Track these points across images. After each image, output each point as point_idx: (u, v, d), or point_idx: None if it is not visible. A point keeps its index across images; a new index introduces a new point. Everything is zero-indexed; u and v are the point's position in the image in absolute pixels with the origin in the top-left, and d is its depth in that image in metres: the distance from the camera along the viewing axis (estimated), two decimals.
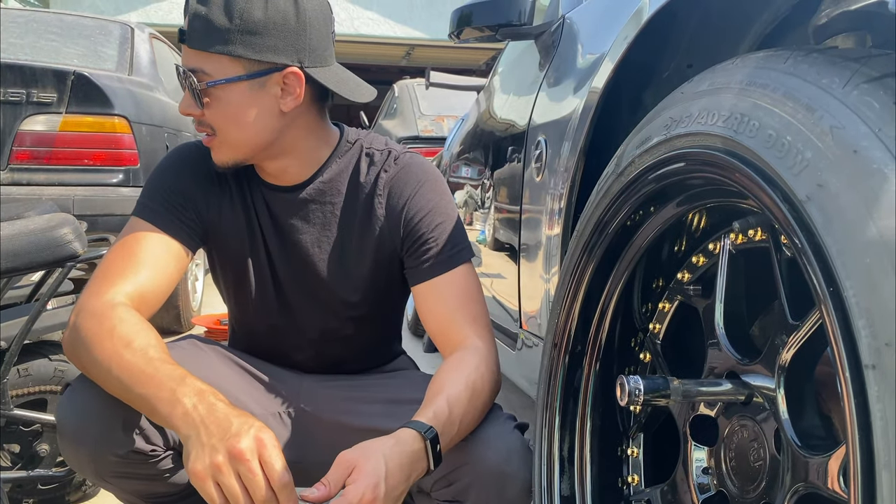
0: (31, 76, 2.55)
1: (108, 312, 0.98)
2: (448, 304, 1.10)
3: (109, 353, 0.94)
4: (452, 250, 1.12)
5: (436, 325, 1.11)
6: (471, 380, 1.01)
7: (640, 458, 0.97)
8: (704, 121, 0.68)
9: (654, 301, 0.95)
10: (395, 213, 1.14)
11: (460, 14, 1.86)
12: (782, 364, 0.68)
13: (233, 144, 1.08)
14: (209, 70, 1.02)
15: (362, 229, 1.16)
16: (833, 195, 0.51)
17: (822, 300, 0.51)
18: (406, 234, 1.14)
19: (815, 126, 0.54)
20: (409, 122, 5.32)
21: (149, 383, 0.90)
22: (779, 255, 0.69)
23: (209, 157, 1.12)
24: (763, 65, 0.63)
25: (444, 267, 1.11)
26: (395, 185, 1.15)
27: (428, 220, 1.13)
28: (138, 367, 0.92)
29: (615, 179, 0.87)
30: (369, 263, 1.17)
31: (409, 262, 1.15)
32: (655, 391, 0.76)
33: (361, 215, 1.16)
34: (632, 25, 1.04)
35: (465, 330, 1.09)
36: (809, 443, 0.66)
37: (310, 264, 1.16)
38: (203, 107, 1.05)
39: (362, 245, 1.16)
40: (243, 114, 1.05)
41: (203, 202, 1.15)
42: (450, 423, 0.94)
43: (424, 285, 1.12)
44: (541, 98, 1.53)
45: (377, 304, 1.22)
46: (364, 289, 1.18)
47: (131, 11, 9.63)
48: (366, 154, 1.18)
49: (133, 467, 1.04)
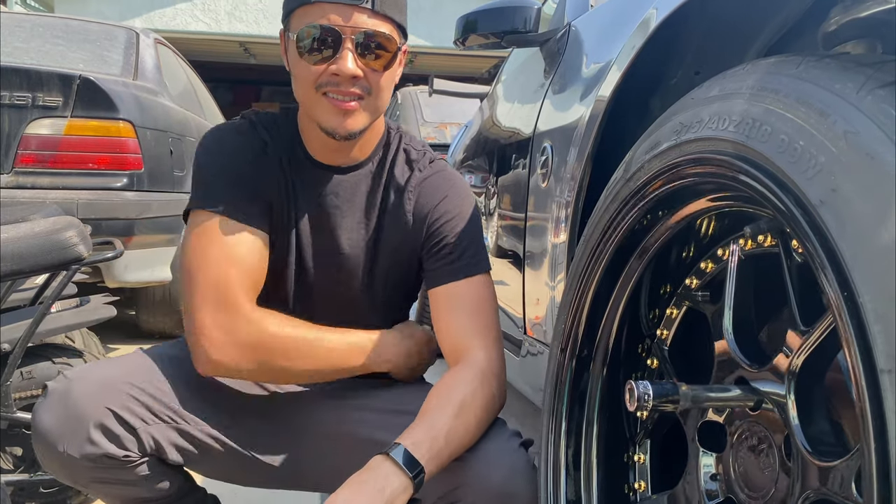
0: (36, 80, 2.56)
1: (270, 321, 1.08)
2: (462, 311, 1.11)
3: (313, 354, 1.09)
4: (473, 258, 1.14)
5: (445, 330, 1.11)
6: (461, 397, 1.01)
7: (646, 465, 0.97)
8: (715, 126, 0.68)
9: (661, 307, 0.95)
10: (422, 214, 1.17)
11: (466, 21, 1.87)
12: (793, 370, 0.68)
13: (376, 108, 1.11)
14: (391, 35, 1.08)
15: (390, 221, 1.18)
16: (847, 200, 0.51)
17: (837, 305, 0.51)
18: (428, 235, 1.16)
19: (828, 131, 0.54)
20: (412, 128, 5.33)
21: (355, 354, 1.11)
22: (789, 261, 0.69)
23: (254, 138, 1.15)
24: (775, 70, 0.64)
25: (464, 273, 1.13)
26: (427, 186, 1.19)
27: (453, 224, 1.16)
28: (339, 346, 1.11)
29: (624, 184, 0.87)
30: (390, 257, 1.18)
31: (429, 263, 1.16)
32: (664, 396, 0.76)
33: (391, 208, 1.18)
34: (639, 34, 1.04)
35: (472, 340, 1.09)
36: (820, 449, 0.65)
37: (340, 246, 1.18)
38: (387, 68, 1.09)
39: (389, 237, 1.18)
40: (393, 80, 1.13)
41: (258, 181, 1.14)
42: (437, 447, 0.96)
43: (442, 288, 1.13)
44: (547, 105, 1.54)
45: (387, 301, 1.23)
46: (381, 283, 1.20)
47: (136, 17, 9.67)
48: (403, 149, 1.22)
49: (108, 472, 1.03)
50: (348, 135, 1.09)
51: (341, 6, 1.04)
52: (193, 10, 10.28)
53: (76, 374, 1.04)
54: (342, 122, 1.08)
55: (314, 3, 1.05)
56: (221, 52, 11.41)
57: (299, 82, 1.09)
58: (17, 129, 2.54)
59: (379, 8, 1.05)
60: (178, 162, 3.07)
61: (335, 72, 1.05)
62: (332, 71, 1.05)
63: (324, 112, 1.08)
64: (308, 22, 1.04)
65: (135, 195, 2.71)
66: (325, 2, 1.04)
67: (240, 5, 10.35)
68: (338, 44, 1.04)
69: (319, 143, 1.15)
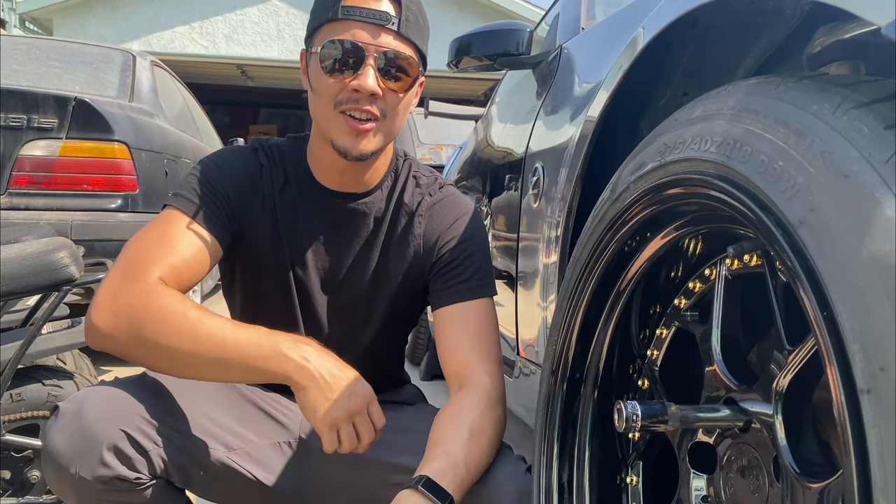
0: (32, 102, 2.57)
1: (163, 294, 0.99)
2: (467, 333, 1.12)
3: (190, 330, 0.97)
4: (481, 281, 1.15)
5: (450, 352, 1.12)
6: (470, 422, 1.01)
7: (639, 487, 0.96)
8: (698, 147, 0.69)
9: (651, 327, 0.95)
10: (433, 236, 1.18)
11: (459, 44, 1.89)
12: (779, 390, 0.67)
13: (389, 132, 1.11)
14: (413, 59, 1.09)
15: (398, 247, 1.19)
16: (825, 219, 0.51)
17: (816, 324, 0.51)
18: (438, 257, 1.17)
19: (806, 151, 0.54)
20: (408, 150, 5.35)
21: (246, 345, 0.97)
22: (774, 281, 0.69)
23: (249, 159, 1.15)
24: (755, 91, 0.64)
25: (471, 295, 1.14)
26: (438, 210, 1.20)
27: (463, 246, 1.17)
28: (226, 333, 0.98)
29: (611, 205, 0.87)
30: (396, 283, 1.19)
31: (435, 284, 1.17)
32: (653, 417, 0.75)
33: (400, 234, 1.19)
34: (626, 55, 1.05)
35: (476, 364, 1.09)
36: (808, 469, 0.65)
37: (345, 271, 1.18)
38: (405, 92, 1.10)
39: (396, 263, 1.19)
40: (409, 107, 1.13)
41: (240, 199, 1.13)
42: (461, 475, 0.95)
43: (449, 309, 1.14)
44: (538, 126, 1.55)
45: (393, 324, 1.23)
46: (385, 308, 1.20)
47: (134, 40, 9.75)
48: (413, 175, 1.23)
49: (117, 495, 1.01)
50: (360, 155, 1.09)
51: (368, 24, 1.05)
52: (191, 33, 10.37)
53: (87, 394, 1.03)
54: (356, 143, 1.08)
55: (340, 20, 1.06)
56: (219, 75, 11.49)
57: (319, 98, 1.09)
58: (11, 151, 2.54)
59: (404, 31, 1.07)
60: (173, 183, 3.07)
61: (356, 87, 1.05)
62: (352, 87, 1.06)
63: (339, 131, 1.08)
64: (333, 37, 1.06)
65: (129, 216, 2.71)
66: (351, 19, 1.05)
67: (237, 28, 10.45)
68: (361, 60, 1.05)
69: (329, 167, 1.15)
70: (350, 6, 1.06)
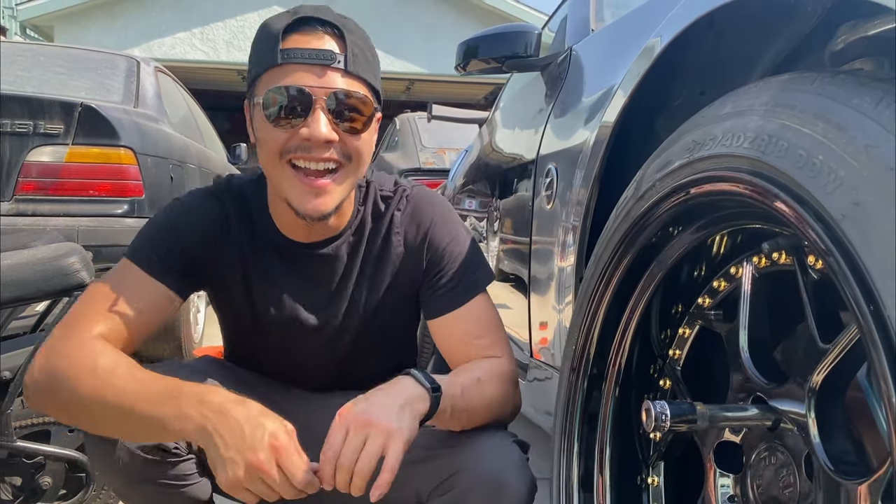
0: (38, 108, 2.56)
1: (85, 348, 0.95)
2: (468, 336, 1.11)
3: (99, 386, 0.91)
4: (471, 278, 1.13)
5: (455, 359, 1.11)
6: (479, 374, 1.03)
7: (660, 487, 0.96)
8: (730, 143, 0.68)
9: (673, 327, 0.94)
10: (416, 247, 1.14)
11: (467, 47, 1.88)
12: (812, 387, 0.67)
13: (356, 177, 1.05)
14: (366, 97, 1.01)
15: (378, 269, 1.15)
16: (870, 213, 0.51)
17: (862, 318, 0.51)
18: (428, 266, 1.14)
19: (848, 145, 0.54)
20: (411, 154, 5.36)
21: (150, 403, 0.89)
22: (805, 278, 0.69)
23: (214, 211, 1.10)
24: (789, 87, 0.64)
25: (464, 298, 1.12)
26: (412, 221, 1.15)
27: (448, 250, 1.14)
28: (133, 390, 0.90)
29: (634, 203, 0.87)
30: (384, 300, 1.16)
31: (424, 293, 1.15)
32: (682, 416, 0.75)
33: (378, 256, 1.15)
34: (644, 58, 1.05)
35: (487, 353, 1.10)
36: (843, 468, 0.64)
37: (326, 311, 1.15)
38: (363, 131, 1.01)
39: (380, 285, 1.15)
40: (372, 145, 1.05)
41: (202, 254, 1.09)
42: (454, 391, 0.97)
43: (445, 318, 1.12)
44: (550, 128, 1.54)
45: (393, 329, 1.22)
46: (379, 325, 1.18)
47: (135, 46, 9.75)
48: (380, 198, 1.16)
49: (156, 469, 1.03)
50: (322, 216, 1.01)
51: (312, 66, 0.97)
52: (192, 40, 10.38)
53: None
54: (315, 204, 1.00)
55: (281, 66, 0.97)
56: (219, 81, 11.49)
57: (265, 151, 1.01)
58: (18, 157, 2.54)
59: (352, 68, 0.99)
60: (178, 188, 3.07)
61: (306, 136, 0.97)
62: (302, 136, 0.97)
63: (292, 189, 1.00)
64: (275, 84, 0.97)
65: (136, 222, 2.70)
66: (293, 62, 0.97)
67: (238, 34, 10.46)
68: (309, 106, 0.97)
69: (292, 224, 1.09)
70: (290, 48, 0.97)
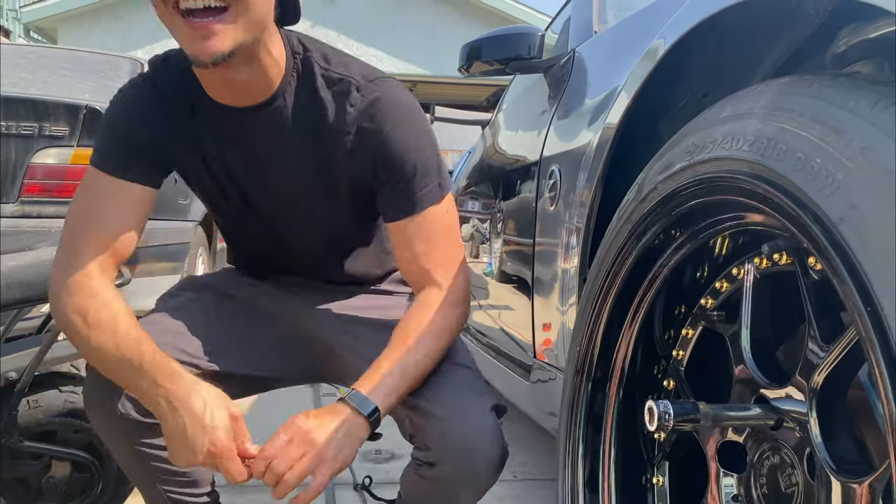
0: (42, 110, 2.58)
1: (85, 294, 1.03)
2: (421, 244, 1.09)
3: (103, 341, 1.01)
4: (431, 185, 1.08)
5: (405, 263, 1.13)
6: (416, 331, 1.05)
7: (665, 487, 0.96)
8: (729, 146, 0.69)
9: (676, 328, 0.95)
10: (371, 138, 1.07)
11: (470, 48, 1.89)
12: (814, 387, 0.68)
13: (249, 20, 0.94)
14: None
15: (333, 150, 1.09)
16: (867, 215, 0.51)
17: (860, 320, 0.51)
18: (381, 167, 1.08)
19: (845, 148, 0.55)
20: None
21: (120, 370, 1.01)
22: (806, 279, 0.69)
23: (151, 95, 1.09)
24: (787, 90, 0.65)
25: (422, 205, 1.08)
26: (373, 111, 1.07)
27: (399, 161, 1.07)
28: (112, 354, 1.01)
29: (637, 206, 0.88)
30: (346, 190, 1.13)
31: (381, 196, 1.11)
32: (685, 416, 0.76)
33: (329, 137, 1.08)
34: (647, 60, 1.06)
35: (433, 271, 1.10)
36: (845, 467, 0.65)
37: (289, 182, 1.13)
38: None
39: (338, 164, 1.11)
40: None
41: (156, 142, 1.09)
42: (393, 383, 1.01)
43: (401, 223, 1.09)
44: (553, 130, 1.55)
45: (363, 217, 1.21)
46: (348, 210, 1.17)
47: (138, 48, 9.77)
48: (322, 77, 1.08)
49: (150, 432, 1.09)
50: (213, 59, 0.93)
51: None
52: None
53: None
54: (203, 46, 0.92)
55: None
56: None
57: (158, 8, 0.94)
58: (23, 159, 2.55)
59: None
60: (181, 190, 3.08)
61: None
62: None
63: (182, 37, 0.94)
64: None
65: None
66: None
67: None
68: None
69: (209, 83, 1.05)
70: None
